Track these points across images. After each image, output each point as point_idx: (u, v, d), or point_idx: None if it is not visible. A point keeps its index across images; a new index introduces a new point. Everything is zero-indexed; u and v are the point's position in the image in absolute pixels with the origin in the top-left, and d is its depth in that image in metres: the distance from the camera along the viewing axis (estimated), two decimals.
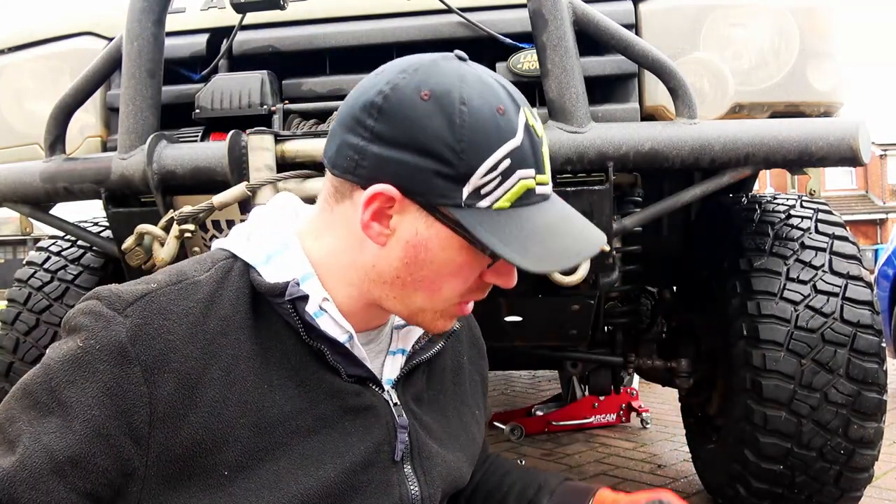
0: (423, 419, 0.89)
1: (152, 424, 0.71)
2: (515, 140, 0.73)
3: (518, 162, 0.74)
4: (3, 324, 2.11)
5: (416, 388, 0.90)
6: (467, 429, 0.97)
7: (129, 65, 1.53)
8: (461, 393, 0.98)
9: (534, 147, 0.75)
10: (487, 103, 0.73)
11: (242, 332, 0.77)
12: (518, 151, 0.74)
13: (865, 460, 1.72)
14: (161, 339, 0.72)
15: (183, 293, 0.76)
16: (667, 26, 1.64)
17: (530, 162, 0.75)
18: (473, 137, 0.72)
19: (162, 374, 0.71)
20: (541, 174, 0.77)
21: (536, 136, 0.76)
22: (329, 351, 0.80)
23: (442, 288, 0.79)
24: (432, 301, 0.80)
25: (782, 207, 1.98)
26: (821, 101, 1.68)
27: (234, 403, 0.75)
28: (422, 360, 0.90)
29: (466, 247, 0.76)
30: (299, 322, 0.78)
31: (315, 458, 0.78)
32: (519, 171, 0.74)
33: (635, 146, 1.46)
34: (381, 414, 0.83)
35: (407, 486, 0.83)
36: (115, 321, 0.72)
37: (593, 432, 3.52)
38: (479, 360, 1.05)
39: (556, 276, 1.50)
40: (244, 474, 0.74)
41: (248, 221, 0.86)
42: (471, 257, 0.77)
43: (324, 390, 0.80)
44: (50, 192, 1.64)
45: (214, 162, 1.51)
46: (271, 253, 0.81)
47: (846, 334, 1.68)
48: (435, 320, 0.82)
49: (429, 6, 1.64)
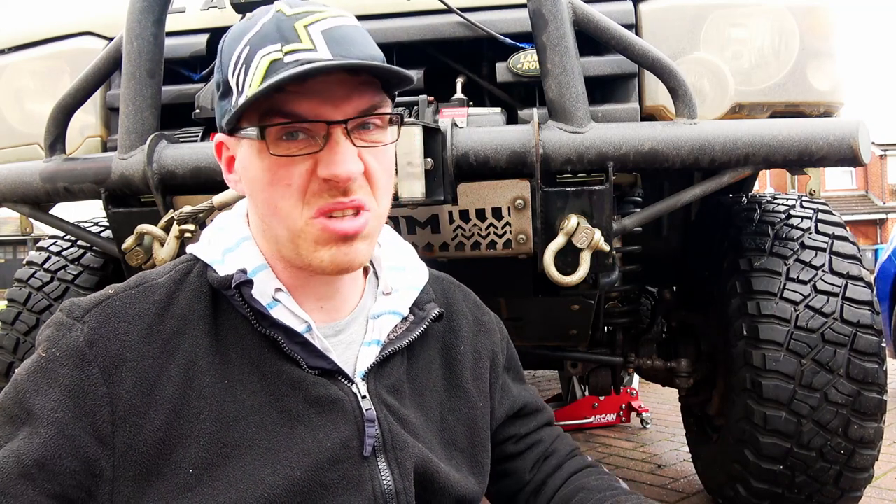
0: (400, 412, 0.86)
1: (115, 423, 0.73)
2: (254, 29, 0.77)
3: (257, 45, 0.76)
4: (3, 324, 2.11)
5: (392, 379, 0.87)
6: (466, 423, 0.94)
7: (129, 65, 1.54)
8: (457, 387, 0.95)
9: (280, 26, 0.76)
10: (244, 22, 0.79)
11: (200, 329, 0.79)
12: (256, 37, 0.76)
13: (865, 460, 1.72)
14: (116, 339, 0.75)
15: (139, 296, 0.79)
16: (667, 26, 1.64)
17: (272, 38, 0.75)
18: (225, 50, 0.79)
19: (119, 374, 0.74)
20: (291, 44, 0.75)
21: (285, 17, 0.76)
22: (285, 340, 0.79)
23: (277, 201, 0.78)
24: (285, 224, 0.78)
25: (782, 207, 1.98)
26: (821, 101, 1.68)
27: (194, 399, 0.76)
28: (397, 350, 0.87)
29: (261, 147, 0.77)
30: (250, 312, 0.79)
31: (282, 455, 0.77)
32: (259, 51, 0.75)
33: (635, 146, 1.46)
34: (347, 408, 0.82)
35: (380, 480, 0.82)
36: (73, 328, 0.75)
37: (593, 432, 3.53)
38: (484, 337, 1.00)
39: (556, 276, 1.50)
40: (210, 472, 0.74)
41: (212, 224, 0.88)
42: (268, 157, 0.77)
43: (285, 382, 0.80)
44: (50, 192, 1.64)
45: (214, 162, 1.50)
46: (226, 249, 0.83)
47: (846, 334, 1.68)
48: (314, 252, 0.79)
49: (429, 6, 1.64)
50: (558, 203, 1.50)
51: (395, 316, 0.89)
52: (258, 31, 0.76)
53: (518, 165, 1.46)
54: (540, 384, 4.85)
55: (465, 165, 1.45)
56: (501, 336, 1.04)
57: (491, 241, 1.58)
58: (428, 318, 0.91)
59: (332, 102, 0.76)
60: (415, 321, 0.91)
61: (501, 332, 1.05)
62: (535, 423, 1.05)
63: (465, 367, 0.96)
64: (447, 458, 0.91)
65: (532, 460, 1.02)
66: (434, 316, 0.92)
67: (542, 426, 1.06)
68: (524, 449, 1.02)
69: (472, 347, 0.98)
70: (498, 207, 1.54)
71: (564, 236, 1.49)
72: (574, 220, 1.49)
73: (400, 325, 0.89)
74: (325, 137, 0.76)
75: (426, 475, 0.86)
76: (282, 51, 0.74)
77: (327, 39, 0.75)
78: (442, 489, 0.87)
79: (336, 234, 0.78)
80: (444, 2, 1.60)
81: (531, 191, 1.50)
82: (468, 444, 0.94)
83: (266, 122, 0.75)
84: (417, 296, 0.92)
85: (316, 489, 0.78)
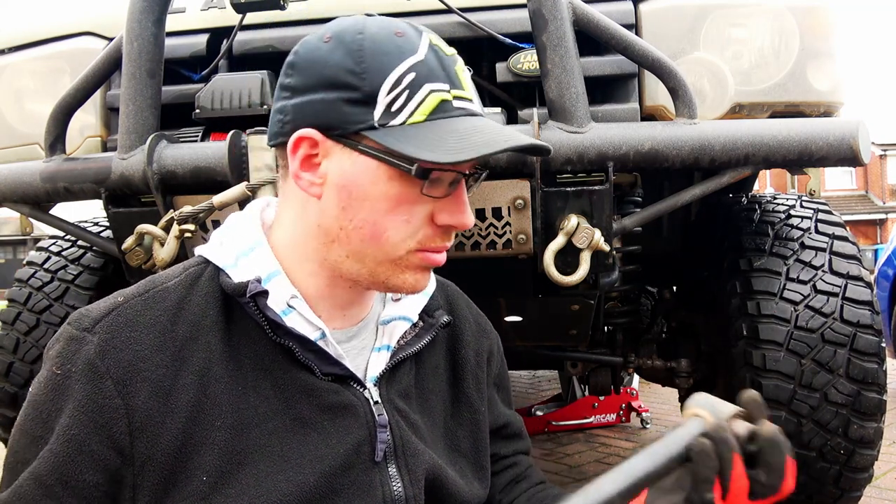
0: (410, 417, 0.87)
1: (132, 435, 0.72)
2: (417, 55, 0.75)
3: (425, 75, 0.75)
4: (4, 324, 2.11)
5: (403, 385, 0.88)
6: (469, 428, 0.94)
7: (129, 65, 1.53)
8: (461, 392, 0.95)
9: (443, 63, 0.76)
10: (385, 29, 0.76)
11: (213, 335, 0.78)
12: (422, 65, 0.75)
13: (865, 460, 1.72)
14: (129, 350, 0.74)
15: (150, 302, 0.78)
16: (667, 26, 1.64)
17: (440, 76, 0.76)
18: (373, 58, 0.74)
19: (134, 385, 0.73)
20: (457, 89, 0.77)
21: (445, 55, 0.77)
22: (298, 348, 0.79)
23: (387, 230, 0.77)
24: (384, 249, 0.78)
25: (782, 207, 1.98)
26: (821, 101, 1.68)
27: (209, 407, 0.75)
28: (408, 355, 0.88)
29: (395, 176, 0.75)
30: (264, 320, 0.78)
31: (294, 461, 0.77)
32: (427, 83, 0.75)
33: (635, 146, 1.46)
34: (359, 413, 0.82)
35: (390, 486, 0.81)
36: (84, 340, 0.74)
37: (593, 432, 3.53)
38: (483, 338, 1.01)
39: (556, 275, 1.50)
40: (224, 480, 0.74)
41: (224, 226, 0.87)
42: (403, 187, 0.76)
43: (298, 389, 0.79)
44: (50, 191, 1.64)
45: (214, 162, 1.51)
46: (240, 254, 0.82)
47: (846, 334, 1.68)
48: (400, 274, 0.80)
49: (429, 6, 1.64)
50: (558, 203, 1.51)
51: (405, 322, 0.89)
52: (423, 61, 0.75)
53: (518, 165, 1.46)
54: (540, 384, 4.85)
55: None
56: (499, 350, 1.05)
57: (491, 241, 1.58)
58: (437, 326, 0.91)
59: None
60: (424, 327, 0.91)
61: (499, 347, 1.05)
62: (515, 448, 1.05)
63: (468, 373, 0.97)
64: (452, 464, 0.91)
65: (504, 482, 1.02)
66: (443, 323, 0.92)
67: (521, 453, 1.06)
68: (499, 470, 1.02)
69: (474, 352, 0.99)
70: (498, 207, 1.54)
71: (564, 236, 1.49)
72: (574, 220, 1.49)
73: (409, 330, 0.89)
74: (451, 185, 0.78)
75: (436, 482, 0.86)
76: (450, 93, 0.76)
77: (474, 88, 0.80)
78: (450, 496, 0.87)
79: (431, 265, 0.82)
80: (444, 2, 1.60)
81: (531, 191, 1.50)
82: (472, 448, 0.94)
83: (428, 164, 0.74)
84: (427, 302, 0.92)
85: (327, 495, 0.77)
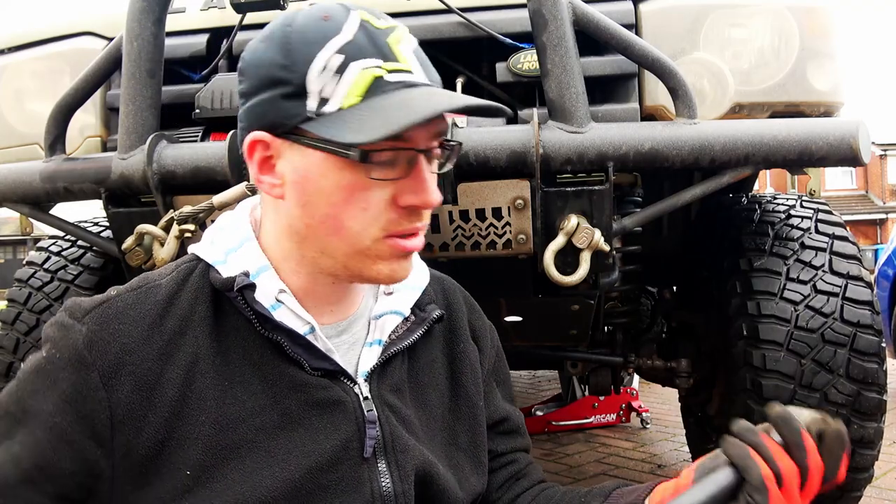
0: (402, 412, 0.86)
1: (113, 427, 0.73)
2: (343, 35, 0.73)
3: (352, 54, 0.73)
4: (4, 324, 2.11)
5: (395, 379, 0.87)
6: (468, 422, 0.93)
7: (129, 65, 1.53)
8: (459, 386, 0.94)
9: (373, 39, 0.74)
10: (311, 16, 0.75)
11: (201, 330, 0.78)
12: (351, 45, 0.73)
13: (865, 460, 1.72)
14: (116, 342, 0.74)
15: (141, 297, 0.78)
16: (667, 26, 1.64)
17: (369, 52, 0.73)
18: (299, 48, 0.73)
19: (119, 378, 0.73)
20: (391, 62, 0.74)
21: (376, 29, 0.75)
22: (287, 343, 0.79)
23: (347, 222, 0.76)
24: (348, 241, 0.77)
25: (782, 207, 1.98)
26: (821, 101, 1.68)
27: (194, 402, 0.75)
28: (399, 349, 0.87)
29: (342, 165, 0.74)
30: (252, 314, 0.78)
31: (281, 458, 0.77)
32: (355, 62, 0.73)
33: (635, 146, 1.46)
34: (348, 409, 0.81)
35: (379, 482, 0.81)
36: (73, 329, 0.75)
37: (593, 432, 3.53)
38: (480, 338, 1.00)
39: (556, 275, 1.50)
40: (208, 474, 0.74)
41: (215, 224, 0.87)
42: (352, 174, 0.74)
43: (286, 384, 0.79)
44: (50, 192, 1.64)
45: (214, 162, 1.51)
46: (229, 250, 0.82)
47: (846, 334, 1.68)
48: (373, 265, 0.79)
49: (429, 6, 1.64)
50: (558, 203, 1.51)
51: (396, 316, 0.89)
52: (350, 41, 0.73)
53: (518, 165, 1.46)
54: (540, 384, 4.85)
55: (464, 165, 1.45)
56: (493, 344, 1.04)
57: (491, 241, 1.58)
58: (429, 320, 0.91)
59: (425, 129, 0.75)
60: (416, 322, 0.90)
61: (493, 340, 1.04)
62: (514, 445, 1.03)
63: (466, 366, 0.96)
64: (448, 458, 0.90)
65: (502, 479, 1.00)
66: (435, 317, 0.92)
67: (520, 450, 1.04)
68: (497, 467, 1.00)
69: (472, 346, 0.98)
70: (498, 207, 1.54)
71: (564, 236, 1.49)
72: (574, 220, 1.49)
73: (401, 325, 0.89)
74: (409, 163, 0.76)
75: (426, 478, 0.85)
76: (382, 68, 0.73)
77: (419, 60, 0.77)
78: (441, 492, 0.87)
79: (404, 252, 0.79)
80: (444, 2, 1.60)
81: (531, 191, 1.50)
82: (470, 442, 0.94)
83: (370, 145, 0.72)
84: (419, 296, 0.92)
85: (314, 491, 0.77)
